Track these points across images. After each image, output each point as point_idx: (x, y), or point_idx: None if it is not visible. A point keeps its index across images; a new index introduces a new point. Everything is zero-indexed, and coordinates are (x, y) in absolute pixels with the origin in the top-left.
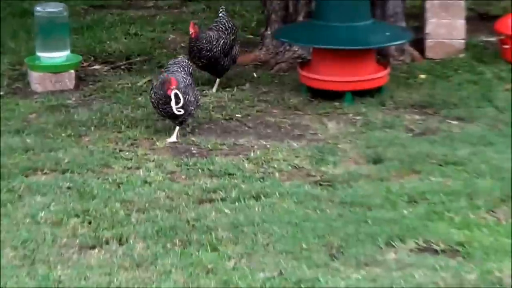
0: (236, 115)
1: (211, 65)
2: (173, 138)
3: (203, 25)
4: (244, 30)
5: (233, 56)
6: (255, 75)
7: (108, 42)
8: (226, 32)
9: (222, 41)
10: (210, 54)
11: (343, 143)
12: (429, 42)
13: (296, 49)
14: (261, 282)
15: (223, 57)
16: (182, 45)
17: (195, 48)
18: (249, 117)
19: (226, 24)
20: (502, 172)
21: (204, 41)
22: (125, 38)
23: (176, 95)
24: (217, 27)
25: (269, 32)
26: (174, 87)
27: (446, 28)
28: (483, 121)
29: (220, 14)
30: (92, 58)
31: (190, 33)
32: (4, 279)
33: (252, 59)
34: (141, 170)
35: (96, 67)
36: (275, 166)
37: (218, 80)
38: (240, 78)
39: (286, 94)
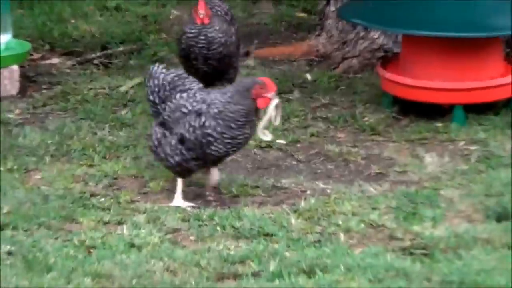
0: (278, 141)
1: (220, 71)
2: (178, 200)
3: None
4: (292, 5)
5: (241, 54)
6: (308, 77)
7: (73, 21)
8: (226, 18)
9: (234, 31)
10: (225, 52)
11: (448, 188)
12: None
13: (376, 37)
14: None
15: (237, 55)
16: None
17: (201, 40)
18: (299, 145)
19: (223, 7)
20: None
21: (218, 28)
22: (101, 15)
23: (277, 106)
24: (214, 11)
25: (332, 9)
26: (273, 93)
27: None
28: None
29: None
30: (48, 47)
31: (200, 16)
32: None
33: (305, 52)
34: (125, 226)
35: (54, 60)
36: (339, 223)
37: None
38: (284, 81)
39: (359, 109)
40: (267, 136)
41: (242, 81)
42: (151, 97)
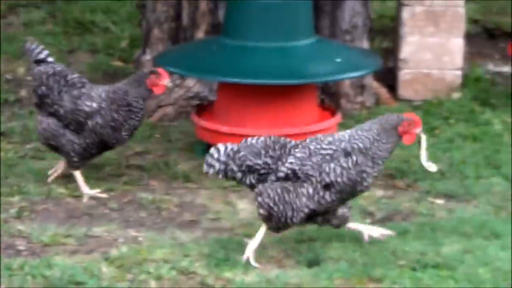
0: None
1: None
2: None
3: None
4: (109, 54)
5: None
6: None
7: None
8: None
9: None
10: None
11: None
12: (404, 73)
13: (191, 85)
14: None
15: None
16: (8, 76)
17: (142, 109)
18: (112, 193)
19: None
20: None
21: None
22: None
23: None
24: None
25: (148, 57)
26: (420, 129)
27: (433, 52)
28: (486, 200)
29: (50, 59)
30: None
31: (169, 85)
32: None
33: None
34: None
35: None
36: (151, 271)
37: None
38: None
39: (173, 156)
40: (433, 167)
41: (388, 118)
42: (259, 161)
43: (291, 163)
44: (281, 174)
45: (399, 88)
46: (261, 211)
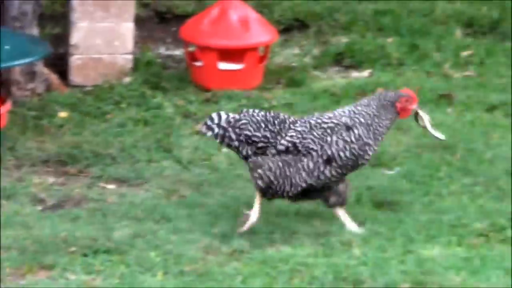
0: None
1: None
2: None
3: None
4: None
5: None
6: None
7: None
8: None
9: None
10: None
11: None
12: (75, 59)
13: None
14: None
15: None
16: None
17: None
18: None
19: None
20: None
21: None
22: None
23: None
24: None
25: None
26: (417, 104)
27: (103, 37)
28: (157, 183)
29: None
30: None
31: None
32: None
33: None
34: None
35: None
36: None
37: None
38: None
39: None
40: (442, 136)
41: (385, 95)
42: (258, 134)
43: (291, 136)
44: (281, 147)
45: (71, 74)
46: (260, 182)
